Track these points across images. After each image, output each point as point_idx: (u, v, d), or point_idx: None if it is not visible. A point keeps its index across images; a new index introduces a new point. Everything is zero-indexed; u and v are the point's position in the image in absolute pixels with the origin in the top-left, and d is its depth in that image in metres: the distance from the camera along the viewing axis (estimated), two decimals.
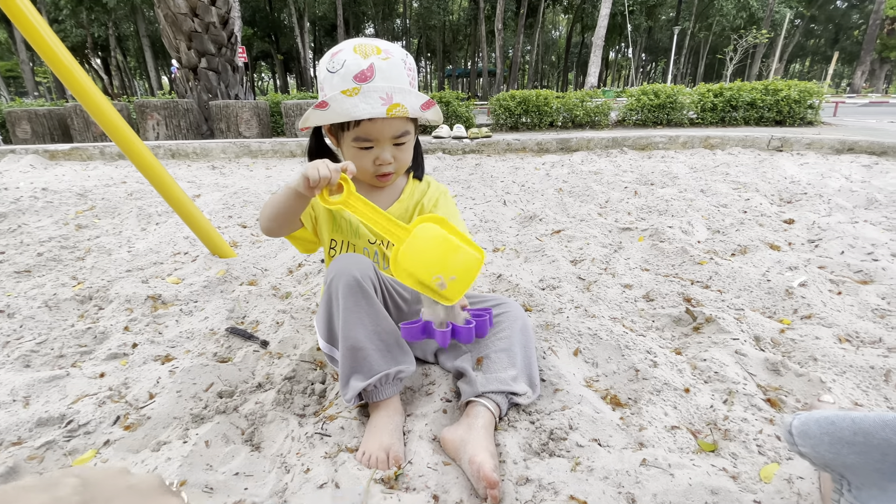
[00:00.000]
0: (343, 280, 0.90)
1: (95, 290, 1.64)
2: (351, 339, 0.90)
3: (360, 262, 0.94)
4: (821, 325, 1.30)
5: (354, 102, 0.88)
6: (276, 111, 6.91)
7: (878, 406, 0.99)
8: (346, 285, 0.90)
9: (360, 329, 0.90)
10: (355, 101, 0.88)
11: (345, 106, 0.88)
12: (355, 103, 0.88)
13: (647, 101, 6.59)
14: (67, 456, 0.89)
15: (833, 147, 4.54)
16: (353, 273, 0.91)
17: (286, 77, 41.53)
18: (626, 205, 2.71)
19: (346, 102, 0.88)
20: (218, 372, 1.13)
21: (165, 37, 6.52)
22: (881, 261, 1.72)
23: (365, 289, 0.91)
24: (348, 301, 0.90)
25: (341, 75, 0.89)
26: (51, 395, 1.07)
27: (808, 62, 52.23)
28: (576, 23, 36.77)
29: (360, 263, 0.94)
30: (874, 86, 29.81)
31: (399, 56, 0.92)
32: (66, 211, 2.84)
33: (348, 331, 0.90)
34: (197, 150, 5.43)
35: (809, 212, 2.41)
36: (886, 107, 12.92)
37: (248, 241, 2.26)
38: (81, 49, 28.49)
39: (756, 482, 0.78)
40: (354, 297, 0.90)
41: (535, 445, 0.88)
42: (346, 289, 0.90)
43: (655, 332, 1.33)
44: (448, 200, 1.17)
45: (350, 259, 0.94)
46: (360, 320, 0.90)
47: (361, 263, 0.94)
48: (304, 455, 0.87)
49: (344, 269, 0.91)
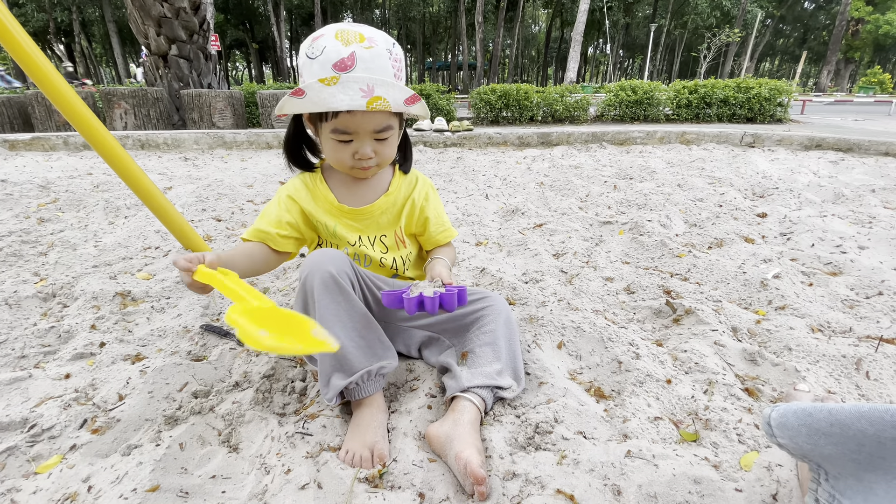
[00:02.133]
0: (318, 276, 0.87)
1: (59, 287, 1.56)
2: None
3: (335, 257, 0.90)
4: (794, 315, 1.34)
5: (332, 92, 0.83)
6: (251, 101, 6.72)
7: (849, 393, 1.02)
8: (322, 282, 0.87)
9: (338, 327, 0.87)
10: (333, 90, 0.82)
11: (322, 95, 0.83)
12: (333, 93, 0.83)
13: (624, 97, 6.69)
14: (31, 462, 0.84)
15: (802, 143, 4.69)
16: (328, 269, 0.87)
17: (262, 67, 40.49)
18: (606, 199, 2.74)
19: (323, 92, 0.83)
20: (192, 371, 1.09)
21: (133, 22, 6.24)
22: (849, 253, 1.78)
23: (342, 285, 0.88)
24: (324, 298, 0.87)
25: (320, 62, 0.84)
26: (12, 397, 1.01)
27: (777, 61, 53.92)
28: (555, 18, 36.96)
29: (336, 258, 0.90)
30: (839, 85, 30.98)
31: (384, 45, 0.87)
32: (27, 204, 2.69)
33: (326, 328, 0.87)
34: (168, 140, 5.24)
35: (781, 206, 2.48)
36: (850, 105, 13.45)
37: (223, 236, 2.19)
38: (44, 34, 27.11)
39: (737, 470, 0.79)
40: (331, 294, 0.87)
41: (521, 439, 0.88)
42: (321, 286, 0.87)
43: (637, 324, 1.34)
44: (435, 195, 1.16)
45: (325, 255, 0.90)
46: (337, 317, 0.88)
47: (337, 258, 0.90)
48: (284, 455, 0.84)
49: (319, 265, 0.88)
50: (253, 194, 3.01)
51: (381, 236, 1.10)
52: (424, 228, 1.14)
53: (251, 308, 0.65)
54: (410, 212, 1.11)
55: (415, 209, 1.11)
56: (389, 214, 1.09)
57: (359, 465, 0.80)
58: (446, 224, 1.16)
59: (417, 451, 0.84)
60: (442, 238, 1.15)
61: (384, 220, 1.09)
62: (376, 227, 1.09)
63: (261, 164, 4.29)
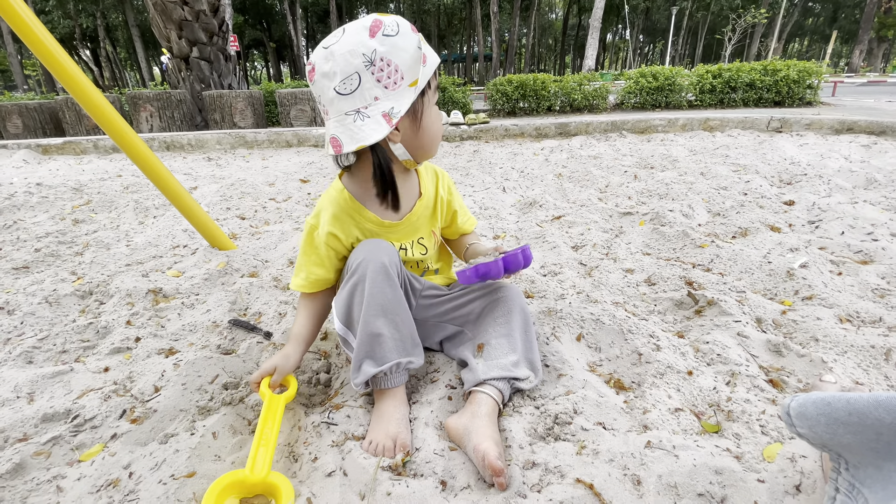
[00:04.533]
0: (372, 265, 0.89)
1: (95, 285, 1.63)
2: (371, 325, 0.89)
3: (388, 250, 0.93)
4: (822, 305, 1.31)
5: (427, 50, 0.85)
6: (270, 100, 6.83)
7: (878, 385, 1.00)
8: (375, 270, 0.89)
9: (381, 316, 0.90)
10: (426, 50, 0.84)
11: (430, 56, 0.85)
12: (428, 50, 0.85)
13: (645, 84, 6.53)
14: (75, 451, 0.90)
15: (832, 127, 4.52)
16: (382, 259, 0.90)
17: (279, 65, 40.96)
18: (626, 189, 2.70)
19: (428, 52, 0.85)
20: (222, 364, 1.13)
21: (155, 26, 6.41)
22: (881, 241, 1.72)
23: (391, 276, 0.91)
24: (375, 286, 0.89)
25: (403, 33, 0.82)
26: (55, 390, 1.07)
27: (806, 41, 51.70)
28: (572, 4, 36.23)
29: (389, 250, 0.93)
30: (872, 65, 29.55)
31: None
32: (61, 206, 2.81)
33: (369, 316, 0.89)
34: (192, 141, 5.38)
35: (809, 193, 2.40)
36: (884, 86, 12.84)
37: (248, 233, 2.25)
38: (70, 40, 28.02)
39: (759, 462, 0.79)
40: (381, 283, 0.90)
41: (540, 430, 0.89)
42: (374, 274, 0.89)
43: (658, 315, 1.33)
44: (454, 185, 1.18)
45: (379, 245, 0.93)
46: (382, 307, 0.90)
47: (390, 250, 0.93)
48: (311, 444, 0.87)
49: (374, 254, 0.90)
50: (274, 192, 3.07)
51: (418, 238, 1.08)
52: (453, 220, 1.15)
53: (238, 479, 0.76)
54: (441, 208, 1.11)
55: (443, 204, 1.11)
56: (425, 216, 1.08)
57: (382, 455, 0.82)
58: (468, 212, 1.20)
59: (438, 441, 0.86)
60: (468, 227, 1.18)
61: (422, 223, 1.08)
62: (414, 231, 1.06)
63: (281, 162, 4.37)
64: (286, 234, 2.16)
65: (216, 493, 0.73)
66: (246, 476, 0.76)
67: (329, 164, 4.11)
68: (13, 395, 1.04)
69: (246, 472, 0.76)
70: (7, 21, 1.26)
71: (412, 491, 0.74)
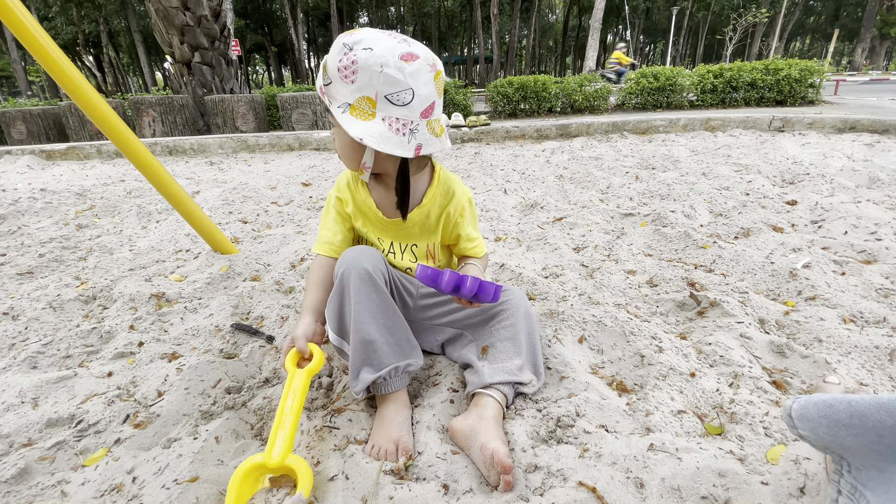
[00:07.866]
0: (355, 272, 0.90)
1: (99, 290, 1.64)
2: (362, 332, 0.90)
3: (371, 255, 0.93)
4: (825, 306, 1.30)
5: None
6: (271, 104, 6.86)
7: (882, 386, 0.99)
8: (358, 277, 0.90)
9: (371, 322, 0.90)
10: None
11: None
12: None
13: (646, 84, 6.53)
14: (79, 455, 0.90)
15: (835, 126, 4.50)
16: (364, 266, 0.90)
17: (281, 69, 41.10)
18: (627, 190, 2.70)
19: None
20: (225, 368, 1.14)
21: (157, 31, 6.44)
22: (884, 240, 1.71)
23: (376, 282, 0.91)
24: (360, 294, 0.90)
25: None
26: (59, 395, 1.07)
27: (808, 40, 51.52)
28: (573, 5, 36.22)
29: (372, 256, 0.93)
30: (874, 63, 29.45)
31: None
32: (65, 211, 2.83)
33: (360, 323, 0.89)
34: (194, 146, 5.40)
35: (812, 192, 2.40)
36: (887, 84, 12.79)
37: (250, 237, 2.26)
38: (73, 46, 28.18)
39: (763, 464, 0.79)
40: (366, 290, 0.90)
41: (542, 433, 0.89)
42: (357, 281, 0.90)
43: (660, 317, 1.33)
44: (472, 210, 1.09)
45: (362, 252, 0.93)
46: (371, 313, 0.90)
47: (373, 256, 0.93)
48: (313, 448, 0.88)
49: (356, 262, 0.91)
50: (276, 196, 3.08)
51: (411, 245, 1.07)
52: (457, 242, 1.11)
53: (257, 465, 0.78)
54: (445, 225, 1.07)
55: (449, 223, 1.06)
56: (422, 227, 1.06)
57: (384, 459, 0.82)
58: (478, 240, 1.11)
59: (441, 444, 0.86)
60: (472, 252, 1.11)
61: (416, 231, 1.06)
62: (408, 236, 1.07)
63: (283, 166, 4.39)
64: (288, 238, 2.17)
65: (238, 482, 0.76)
66: (265, 461, 0.78)
67: (330, 167, 4.13)
68: (18, 401, 1.04)
69: (265, 457, 0.78)
70: (10, 28, 1.27)
71: (415, 495, 0.74)
